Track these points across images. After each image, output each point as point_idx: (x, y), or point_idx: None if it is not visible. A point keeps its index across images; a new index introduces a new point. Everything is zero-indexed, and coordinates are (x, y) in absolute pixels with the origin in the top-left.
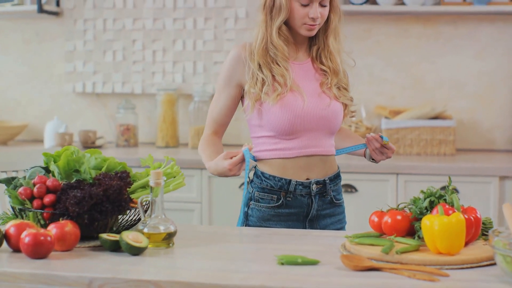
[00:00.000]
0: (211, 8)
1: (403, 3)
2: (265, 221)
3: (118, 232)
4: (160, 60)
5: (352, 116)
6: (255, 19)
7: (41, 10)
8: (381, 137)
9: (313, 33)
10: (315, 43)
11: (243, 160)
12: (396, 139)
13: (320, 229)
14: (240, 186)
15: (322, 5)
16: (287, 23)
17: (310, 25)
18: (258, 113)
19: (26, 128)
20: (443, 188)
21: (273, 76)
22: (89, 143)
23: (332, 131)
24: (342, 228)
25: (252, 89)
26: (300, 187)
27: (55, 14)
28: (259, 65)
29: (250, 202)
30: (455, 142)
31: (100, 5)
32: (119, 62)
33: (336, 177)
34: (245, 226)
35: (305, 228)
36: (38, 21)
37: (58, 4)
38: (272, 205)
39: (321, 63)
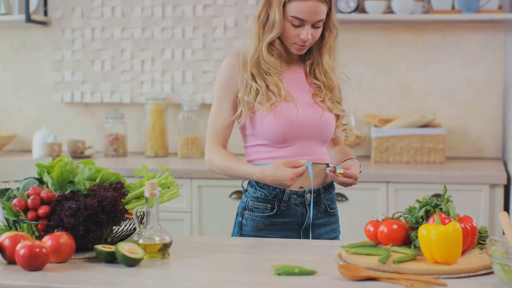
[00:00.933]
0: (199, 17)
1: (392, 12)
2: (260, 230)
3: (113, 243)
4: (148, 70)
5: (344, 129)
6: (244, 27)
7: (29, 19)
8: (335, 167)
9: (303, 51)
10: (309, 58)
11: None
12: (385, 147)
13: (314, 238)
14: (230, 196)
15: (314, 27)
16: (280, 38)
17: (300, 45)
18: (251, 122)
19: (15, 138)
20: (434, 196)
21: (267, 85)
22: (78, 153)
23: (324, 140)
24: (336, 237)
25: (246, 97)
26: (295, 196)
27: (43, 23)
28: (253, 75)
29: (245, 212)
30: (445, 150)
31: (88, 14)
32: (107, 72)
33: (330, 186)
34: (240, 235)
35: (300, 237)
36: (26, 31)
37: (46, 13)
38: (266, 214)
39: (315, 78)
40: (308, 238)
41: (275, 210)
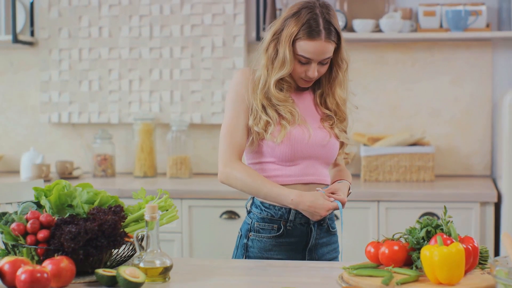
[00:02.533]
0: (187, 37)
1: (380, 31)
2: (267, 251)
3: (112, 266)
4: (136, 90)
5: (346, 158)
6: (232, 47)
7: (15, 40)
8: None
9: (310, 84)
10: (318, 87)
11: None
12: (375, 166)
13: (318, 258)
14: (221, 216)
15: (322, 63)
16: None
17: (306, 80)
18: (259, 143)
19: (2, 159)
20: (426, 214)
21: (279, 115)
22: (67, 174)
23: (328, 162)
24: (336, 257)
25: (255, 127)
26: (300, 215)
27: (30, 44)
28: (263, 106)
29: (250, 233)
30: (434, 168)
31: (75, 34)
32: (95, 92)
33: None
34: (245, 257)
35: (305, 257)
36: (12, 51)
37: (32, 34)
38: (273, 234)
39: (327, 108)
40: (312, 258)
41: (281, 230)
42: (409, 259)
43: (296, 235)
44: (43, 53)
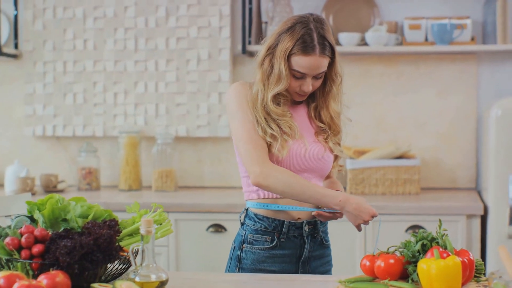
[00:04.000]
0: (172, 50)
1: (365, 44)
2: (260, 263)
3: (107, 281)
4: (121, 102)
5: (340, 170)
6: (218, 60)
7: (0, 52)
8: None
9: (304, 98)
10: (313, 101)
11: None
12: (361, 179)
13: (311, 270)
14: (207, 229)
15: (316, 78)
16: None
17: (301, 94)
18: None
19: None
20: (413, 227)
21: (280, 129)
22: (51, 187)
23: (323, 175)
24: (329, 270)
25: (267, 138)
26: (293, 227)
27: (14, 56)
28: (266, 120)
29: (243, 245)
30: (419, 181)
31: (60, 47)
32: (79, 105)
33: None
34: (239, 269)
35: (298, 269)
36: None
37: (16, 46)
38: (266, 246)
39: (321, 121)
40: (305, 270)
41: (275, 242)
42: (404, 272)
43: (290, 247)
44: (28, 65)
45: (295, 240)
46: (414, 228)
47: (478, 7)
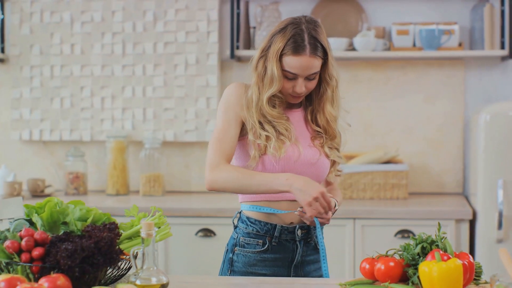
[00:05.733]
0: (160, 55)
1: (354, 49)
2: (251, 266)
3: (106, 284)
4: (109, 107)
5: (338, 175)
6: (206, 64)
7: None
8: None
9: (299, 101)
10: (310, 104)
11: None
12: (349, 184)
13: (304, 275)
14: (196, 234)
15: (309, 79)
16: None
17: (295, 96)
18: (260, 161)
19: None
20: (402, 231)
21: (276, 130)
22: (38, 192)
23: (318, 180)
24: (322, 275)
25: (258, 140)
26: (286, 232)
27: (1, 61)
28: (260, 123)
29: (235, 248)
30: (407, 186)
31: (47, 51)
32: (66, 109)
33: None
34: (230, 271)
35: (290, 274)
36: None
37: (3, 50)
38: (258, 250)
39: (317, 125)
40: (298, 275)
41: (266, 246)
42: (404, 275)
43: (282, 251)
44: (14, 70)
45: (287, 244)
46: (404, 232)
47: (465, 13)
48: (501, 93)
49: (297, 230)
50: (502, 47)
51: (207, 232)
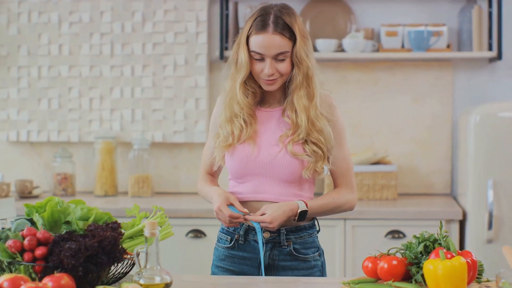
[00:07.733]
0: (149, 55)
1: (342, 50)
2: (221, 260)
3: (108, 283)
4: (97, 108)
5: (319, 174)
6: (194, 65)
7: None
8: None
9: (274, 87)
10: (288, 94)
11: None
12: None
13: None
14: (186, 235)
15: (278, 60)
16: (251, 75)
17: (267, 80)
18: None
19: None
20: (393, 232)
21: (232, 132)
22: (26, 193)
23: (283, 180)
24: None
25: (216, 140)
26: (253, 232)
27: None
28: (226, 119)
29: (215, 242)
30: (397, 187)
31: (34, 52)
32: (54, 110)
33: (301, 229)
34: (212, 265)
35: (260, 274)
36: None
37: None
38: (226, 246)
39: (287, 116)
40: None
41: (233, 243)
42: (407, 273)
43: (249, 250)
44: (2, 70)
45: (254, 245)
46: (394, 233)
47: (454, 15)
48: (489, 94)
49: (263, 232)
50: (490, 48)
51: (198, 233)
